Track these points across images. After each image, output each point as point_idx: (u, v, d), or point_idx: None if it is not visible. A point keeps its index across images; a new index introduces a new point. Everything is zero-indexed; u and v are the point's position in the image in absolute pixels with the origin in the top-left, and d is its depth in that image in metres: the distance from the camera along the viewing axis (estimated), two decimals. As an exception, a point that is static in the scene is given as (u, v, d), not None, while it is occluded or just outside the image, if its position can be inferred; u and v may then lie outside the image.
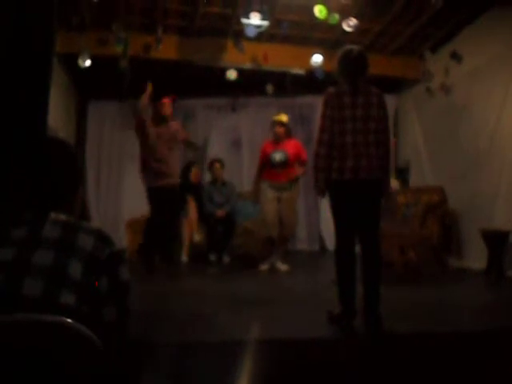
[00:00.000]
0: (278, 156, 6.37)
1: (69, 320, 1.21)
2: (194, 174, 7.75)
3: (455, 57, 7.07)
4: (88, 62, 6.81)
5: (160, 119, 6.11)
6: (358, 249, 3.64)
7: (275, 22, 6.81)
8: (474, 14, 6.86)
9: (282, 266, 6.46)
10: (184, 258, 7.36)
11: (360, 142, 3.56)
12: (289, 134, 6.60)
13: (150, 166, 5.94)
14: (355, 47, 3.83)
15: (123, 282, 1.49)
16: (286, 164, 6.37)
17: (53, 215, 1.45)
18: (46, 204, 1.50)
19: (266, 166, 6.46)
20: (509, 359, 3.04)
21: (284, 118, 6.62)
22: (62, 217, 1.47)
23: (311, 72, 7.57)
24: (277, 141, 6.50)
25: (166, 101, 6.14)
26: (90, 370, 1.23)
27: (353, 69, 3.69)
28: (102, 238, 1.47)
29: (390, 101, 7.65)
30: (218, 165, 7.85)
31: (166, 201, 6.01)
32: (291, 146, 6.48)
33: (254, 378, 2.78)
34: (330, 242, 8.66)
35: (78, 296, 1.33)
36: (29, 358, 1.18)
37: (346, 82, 3.69)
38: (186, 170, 7.75)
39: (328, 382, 2.74)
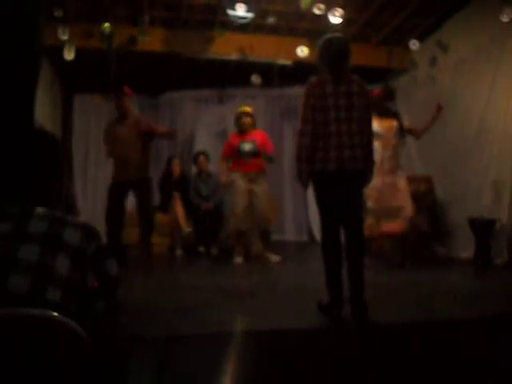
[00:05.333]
0: (247, 146, 6.34)
1: (55, 314, 1.20)
2: (175, 169, 7.71)
3: (441, 46, 7.08)
4: (72, 55, 6.72)
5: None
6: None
7: (261, 13, 6.77)
8: (459, 4, 6.87)
9: (274, 257, 6.45)
10: (179, 251, 7.38)
11: (344, 131, 3.54)
12: (254, 124, 6.62)
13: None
14: (337, 35, 3.81)
15: (111, 276, 1.47)
16: (255, 154, 6.36)
17: (39, 210, 1.43)
18: (32, 198, 1.48)
19: (234, 157, 6.43)
20: (497, 346, 3.06)
21: (249, 108, 6.63)
22: (49, 211, 1.45)
23: (298, 63, 7.56)
24: (244, 132, 6.49)
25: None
26: (77, 365, 1.22)
27: (334, 57, 3.67)
28: (89, 233, 1.45)
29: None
30: (202, 157, 7.83)
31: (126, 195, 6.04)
32: (259, 137, 6.48)
33: (243, 370, 2.78)
34: (318, 233, 8.68)
35: (64, 291, 1.32)
36: (15, 352, 1.18)
37: (327, 70, 3.67)
38: (168, 165, 7.76)
39: (317, 372, 2.75)
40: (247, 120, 6.51)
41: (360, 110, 3.61)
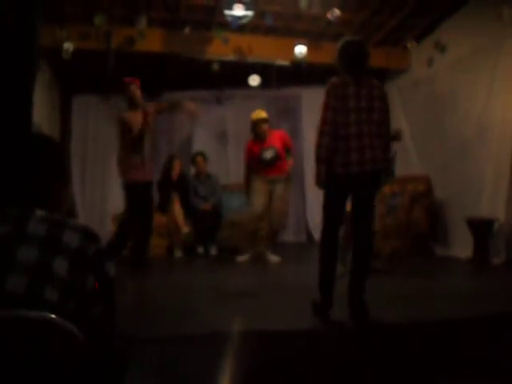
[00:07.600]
0: (268, 154, 6.33)
1: (52, 315, 1.21)
2: (175, 169, 7.69)
3: (438, 46, 7.10)
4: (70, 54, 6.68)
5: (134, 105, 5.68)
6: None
7: (259, 13, 6.77)
8: (456, 4, 6.88)
9: (274, 258, 6.46)
10: (178, 252, 7.36)
11: (365, 133, 3.55)
12: (270, 127, 6.58)
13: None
14: (355, 38, 3.85)
15: (111, 278, 1.48)
16: (277, 160, 6.35)
17: (39, 212, 1.44)
18: (32, 201, 1.48)
19: (255, 165, 6.41)
20: (496, 345, 3.07)
21: (264, 113, 6.55)
22: (48, 214, 1.45)
23: (295, 63, 7.57)
24: (262, 139, 6.45)
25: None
26: (75, 366, 1.23)
27: (353, 60, 3.68)
28: (89, 235, 1.45)
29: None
30: (200, 158, 7.83)
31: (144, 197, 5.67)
32: (277, 140, 6.45)
33: (240, 370, 2.78)
34: (317, 233, 8.67)
35: (62, 293, 1.32)
36: (10, 352, 1.18)
37: (346, 73, 3.68)
38: (168, 164, 7.72)
39: (317, 372, 2.75)
40: (265, 127, 6.46)
41: (380, 113, 3.62)
